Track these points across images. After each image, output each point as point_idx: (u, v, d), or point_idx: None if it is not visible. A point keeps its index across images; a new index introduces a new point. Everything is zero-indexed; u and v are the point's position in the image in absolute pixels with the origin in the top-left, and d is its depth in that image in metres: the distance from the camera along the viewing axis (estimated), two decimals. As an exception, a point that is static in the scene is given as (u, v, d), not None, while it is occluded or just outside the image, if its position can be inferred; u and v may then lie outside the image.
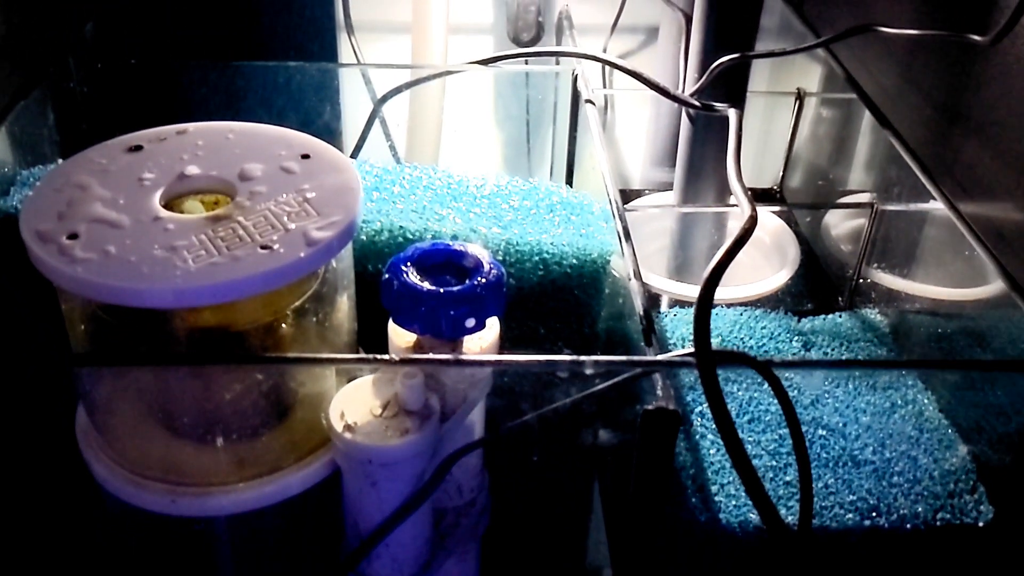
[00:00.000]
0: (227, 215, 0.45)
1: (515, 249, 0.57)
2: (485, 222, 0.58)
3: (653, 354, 0.47)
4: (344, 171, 0.49)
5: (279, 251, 0.43)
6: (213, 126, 0.52)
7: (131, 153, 0.50)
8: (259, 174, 0.48)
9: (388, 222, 0.57)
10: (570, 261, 0.57)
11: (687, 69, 0.73)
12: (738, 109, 0.63)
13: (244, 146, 0.51)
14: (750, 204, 0.49)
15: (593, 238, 0.58)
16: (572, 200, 0.63)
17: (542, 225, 0.59)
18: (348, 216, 0.46)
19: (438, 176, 0.63)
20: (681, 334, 0.61)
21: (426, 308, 0.47)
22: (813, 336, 0.62)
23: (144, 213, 0.45)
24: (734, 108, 0.64)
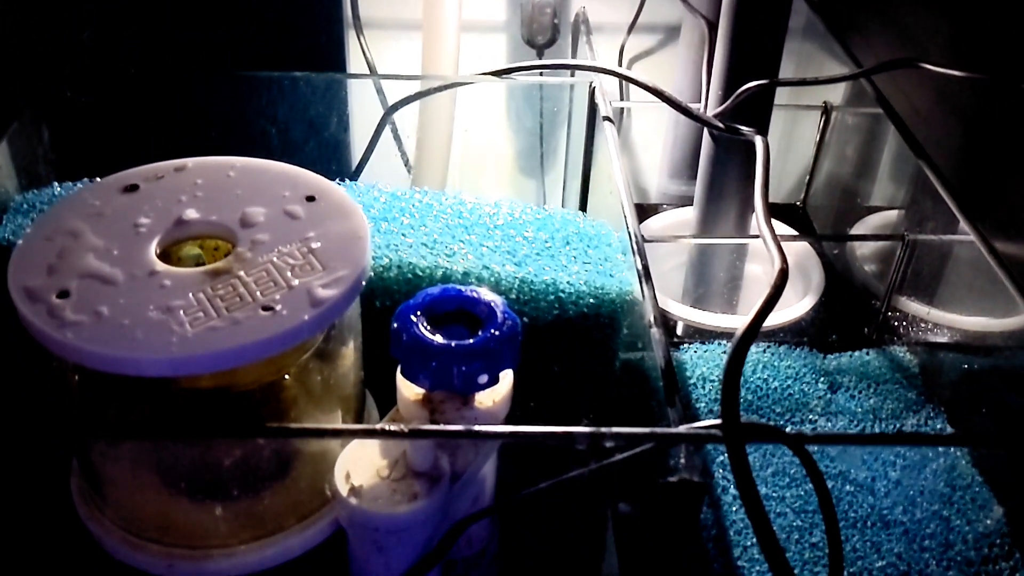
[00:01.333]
0: (227, 269, 0.43)
1: (530, 288, 0.54)
2: (498, 258, 0.55)
3: (676, 415, 0.44)
4: (351, 216, 0.46)
5: (282, 313, 0.40)
6: (213, 162, 0.50)
7: (126, 194, 0.47)
8: (261, 219, 0.46)
9: (397, 258, 0.55)
10: (587, 301, 0.55)
11: (710, 83, 0.70)
12: (764, 137, 0.60)
13: (246, 186, 0.48)
14: (780, 255, 0.46)
15: (611, 276, 0.56)
16: (589, 231, 0.60)
17: (558, 260, 0.56)
18: (355, 270, 0.43)
19: (449, 204, 0.60)
20: (701, 373, 0.59)
21: (437, 363, 0.45)
22: (840, 376, 0.59)
23: (139, 266, 0.42)
24: (760, 135, 0.61)
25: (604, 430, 0.40)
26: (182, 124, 0.72)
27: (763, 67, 0.65)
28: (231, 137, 0.74)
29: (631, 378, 0.57)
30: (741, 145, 0.66)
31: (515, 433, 0.40)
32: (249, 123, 0.74)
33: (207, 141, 0.73)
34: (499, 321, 0.47)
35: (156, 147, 0.71)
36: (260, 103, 0.73)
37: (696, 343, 0.63)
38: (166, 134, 0.72)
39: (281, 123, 0.75)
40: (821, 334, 0.66)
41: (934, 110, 0.65)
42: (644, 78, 0.69)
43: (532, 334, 0.56)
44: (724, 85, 0.66)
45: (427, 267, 0.55)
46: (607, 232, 0.61)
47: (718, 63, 0.66)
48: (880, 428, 0.55)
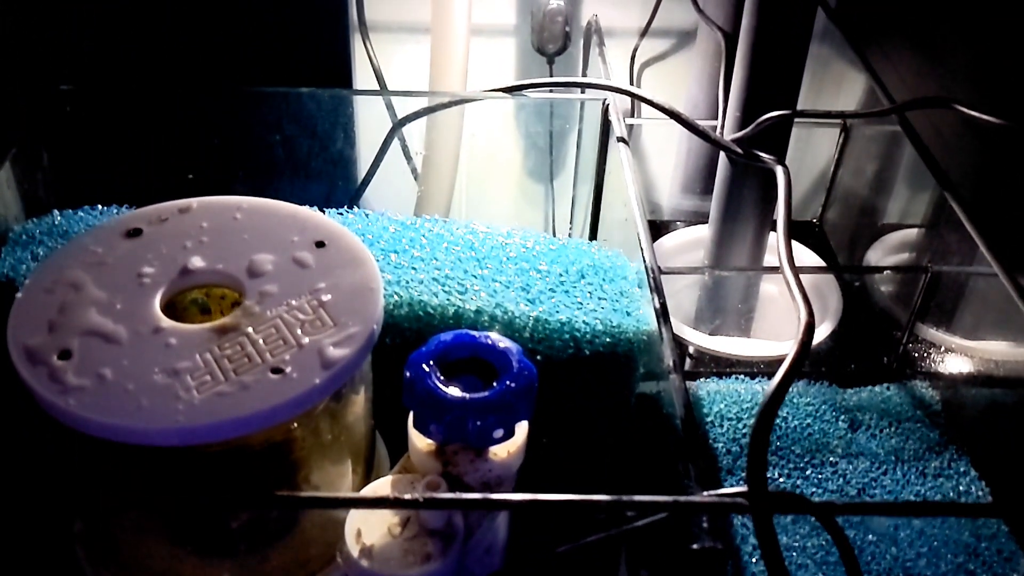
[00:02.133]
0: (234, 325, 0.41)
1: (544, 327, 0.53)
2: (512, 295, 0.54)
3: (696, 471, 0.43)
4: (362, 265, 0.45)
5: (291, 376, 0.39)
6: (219, 203, 0.48)
7: (129, 239, 0.46)
8: (269, 268, 0.44)
9: (408, 295, 0.53)
10: (603, 340, 0.53)
11: (727, 103, 0.68)
12: (785, 167, 0.59)
13: (253, 230, 0.47)
14: (806, 306, 0.45)
15: (628, 314, 0.54)
16: (604, 263, 0.58)
17: (573, 297, 0.55)
18: (367, 327, 0.42)
19: (460, 234, 0.59)
20: (719, 411, 0.57)
21: (451, 417, 0.44)
22: (860, 413, 0.58)
23: (143, 323, 0.41)
24: (781, 165, 0.59)
25: (624, 499, 0.39)
26: (186, 140, 0.70)
27: (784, 93, 0.63)
28: (237, 153, 0.72)
29: (648, 408, 0.56)
30: (759, 168, 0.64)
31: (534, 502, 0.38)
32: (255, 138, 0.72)
33: (212, 158, 0.72)
34: (515, 371, 0.45)
35: (159, 165, 0.70)
36: (266, 118, 0.72)
37: (712, 377, 0.61)
38: (170, 151, 0.70)
39: (288, 137, 0.73)
40: (839, 363, 0.65)
41: (957, 132, 0.63)
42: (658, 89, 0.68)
43: (547, 370, 0.54)
44: (742, 108, 0.64)
45: (439, 305, 0.53)
46: (623, 264, 0.59)
47: (736, 86, 0.64)
48: (903, 470, 0.54)
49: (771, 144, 0.63)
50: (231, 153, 0.71)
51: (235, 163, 0.72)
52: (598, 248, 0.60)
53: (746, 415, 0.57)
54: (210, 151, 0.70)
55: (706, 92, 0.80)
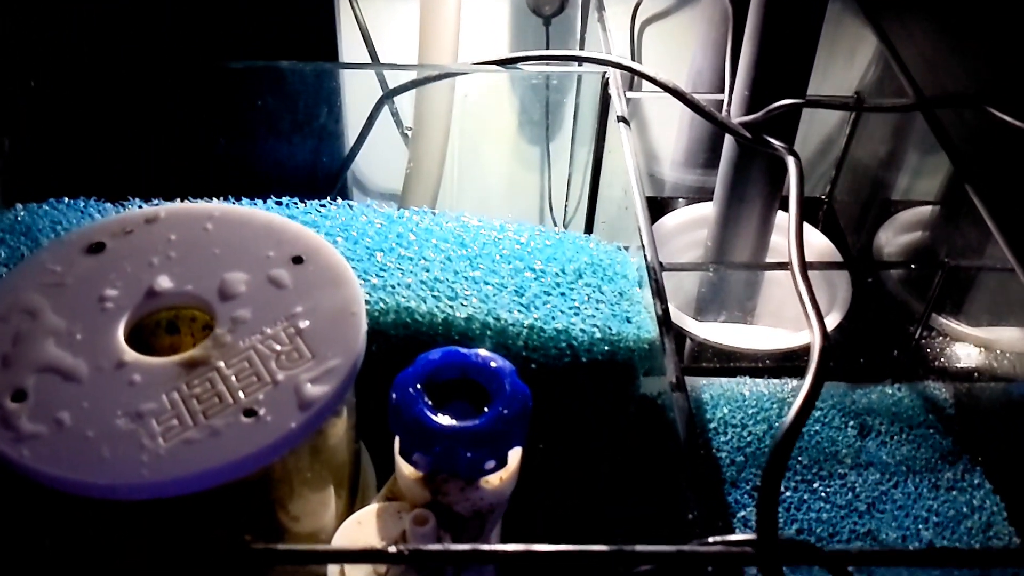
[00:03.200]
0: (204, 359, 0.38)
1: (539, 335, 0.50)
2: (505, 300, 0.51)
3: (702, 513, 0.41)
4: (342, 284, 0.42)
5: (266, 420, 0.36)
6: (188, 212, 0.45)
7: (91, 255, 0.42)
8: (242, 289, 0.41)
9: (394, 302, 0.50)
10: (601, 348, 0.50)
11: (734, 79, 0.64)
12: (797, 157, 0.55)
13: (225, 243, 0.43)
14: (821, 328, 0.41)
15: (628, 321, 0.51)
16: (603, 259, 0.55)
17: (570, 300, 0.52)
18: (348, 358, 0.39)
19: (450, 228, 0.55)
20: (722, 416, 0.55)
21: (441, 448, 0.41)
22: (870, 417, 0.55)
23: (106, 356, 0.38)
24: (793, 155, 0.55)
25: (626, 549, 0.36)
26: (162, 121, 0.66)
27: (795, 75, 0.59)
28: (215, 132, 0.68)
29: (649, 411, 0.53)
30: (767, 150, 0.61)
31: (528, 553, 0.36)
32: (235, 117, 0.68)
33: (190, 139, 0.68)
34: (507, 394, 0.43)
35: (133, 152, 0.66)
36: (247, 94, 0.67)
37: (714, 375, 0.59)
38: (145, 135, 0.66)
39: (270, 114, 0.69)
40: (848, 357, 0.62)
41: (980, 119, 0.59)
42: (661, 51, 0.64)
43: (542, 375, 0.52)
44: (751, 87, 0.60)
45: (427, 312, 0.50)
46: (623, 260, 0.56)
47: (745, 64, 0.60)
48: (914, 482, 0.51)
49: (780, 127, 0.60)
50: (210, 134, 0.67)
51: (215, 143, 0.68)
52: (596, 243, 0.57)
53: (751, 421, 0.54)
54: (188, 132, 0.66)
55: (711, 59, 0.76)
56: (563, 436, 0.53)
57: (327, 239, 0.53)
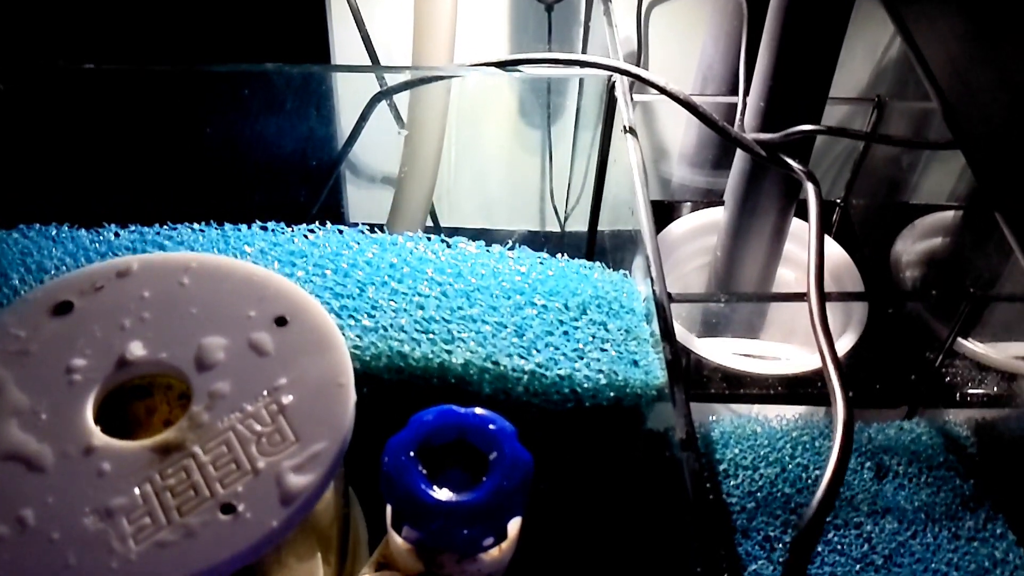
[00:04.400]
0: (179, 443, 0.35)
1: (541, 382, 0.47)
2: (504, 343, 0.48)
3: None
4: (329, 350, 0.39)
5: (245, 516, 0.33)
6: (163, 264, 0.41)
7: (58, 318, 0.39)
8: (221, 356, 0.38)
9: (386, 346, 0.47)
10: (607, 395, 0.48)
11: (748, 82, 0.60)
12: (816, 183, 0.52)
13: (202, 301, 0.40)
14: (844, 400, 0.38)
15: (636, 365, 0.48)
16: (609, 292, 0.52)
17: (573, 342, 0.49)
18: (335, 440, 0.36)
19: (446, 259, 0.52)
20: (733, 457, 0.52)
21: (436, 526, 0.39)
22: (887, 457, 0.52)
23: (73, 440, 0.35)
24: (813, 181, 0.52)
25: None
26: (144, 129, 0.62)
27: (815, 90, 0.55)
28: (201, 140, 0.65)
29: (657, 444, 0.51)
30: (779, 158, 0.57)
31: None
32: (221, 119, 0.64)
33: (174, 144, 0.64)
34: (507, 463, 0.40)
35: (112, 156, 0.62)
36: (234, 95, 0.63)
37: (725, 413, 0.56)
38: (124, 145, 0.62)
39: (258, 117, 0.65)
40: (863, 383, 0.59)
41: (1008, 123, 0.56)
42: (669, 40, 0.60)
43: (542, 417, 0.49)
44: (767, 99, 0.57)
45: (421, 357, 0.47)
46: (629, 291, 0.53)
47: (761, 73, 0.57)
48: (933, 532, 0.49)
49: (797, 143, 0.56)
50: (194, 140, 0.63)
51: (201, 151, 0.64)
52: (601, 273, 0.54)
53: (762, 463, 0.51)
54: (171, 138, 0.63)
55: (723, 53, 0.72)
56: (564, 478, 0.51)
57: (316, 269, 0.50)
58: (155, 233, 0.53)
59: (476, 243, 0.54)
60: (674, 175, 0.76)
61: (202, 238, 0.52)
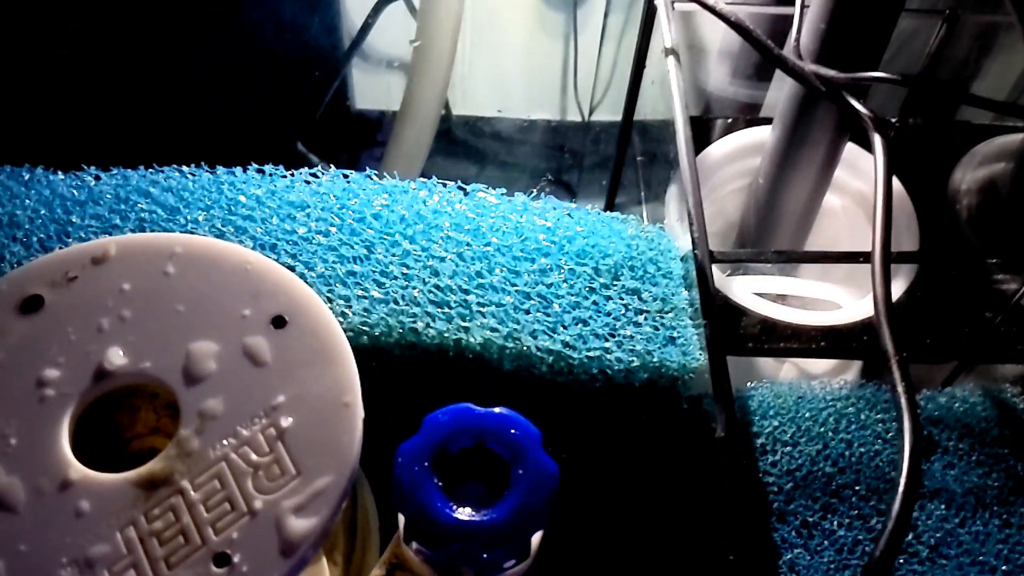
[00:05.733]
0: (166, 475, 0.31)
1: (567, 362, 0.43)
2: (528, 319, 0.43)
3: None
4: (333, 360, 0.34)
5: (241, 569, 0.30)
6: (144, 248, 0.36)
7: (26, 317, 0.34)
8: (212, 367, 0.34)
9: (397, 322, 0.42)
10: (640, 376, 0.43)
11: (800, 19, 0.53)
12: (885, 134, 0.45)
13: (190, 295, 0.35)
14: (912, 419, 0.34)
15: (672, 342, 0.44)
16: (643, 251, 0.47)
17: (602, 316, 0.44)
18: (341, 474, 0.32)
19: (463, 212, 0.47)
20: (770, 432, 0.48)
21: (454, 548, 0.35)
22: (937, 429, 0.49)
23: (47, 472, 0.31)
24: (881, 131, 0.46)
25: None
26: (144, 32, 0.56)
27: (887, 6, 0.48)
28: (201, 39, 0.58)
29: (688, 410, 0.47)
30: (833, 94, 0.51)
31: None
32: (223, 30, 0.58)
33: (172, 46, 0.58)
34: (532, 478, 0.36)
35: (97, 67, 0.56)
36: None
37: (764, 380, 0.51)
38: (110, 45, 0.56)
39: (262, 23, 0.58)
40: (913, 337, 0.55)
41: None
42: None
43: (567, 400, 0.45)
44: (829, 19, 0.50)
45: (436, 335, 0.42)
46: (666, 248, 0.48)
47: None
48: (983, 518, 0.45)
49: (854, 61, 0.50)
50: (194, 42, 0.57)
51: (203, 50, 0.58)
52: (635, 227, 0.48)
53: (803, 438, 0.48)
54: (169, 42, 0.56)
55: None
56: (592, 453, 0.47)
57: (320, 224, 0.45)
58: (140, 177, 0.47)
59: (496, 192, 0.48)
60: (713, 87, 0.69)
61: (192, 184, 0.47)
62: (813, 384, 0.50)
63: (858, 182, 0.64)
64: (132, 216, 0.45)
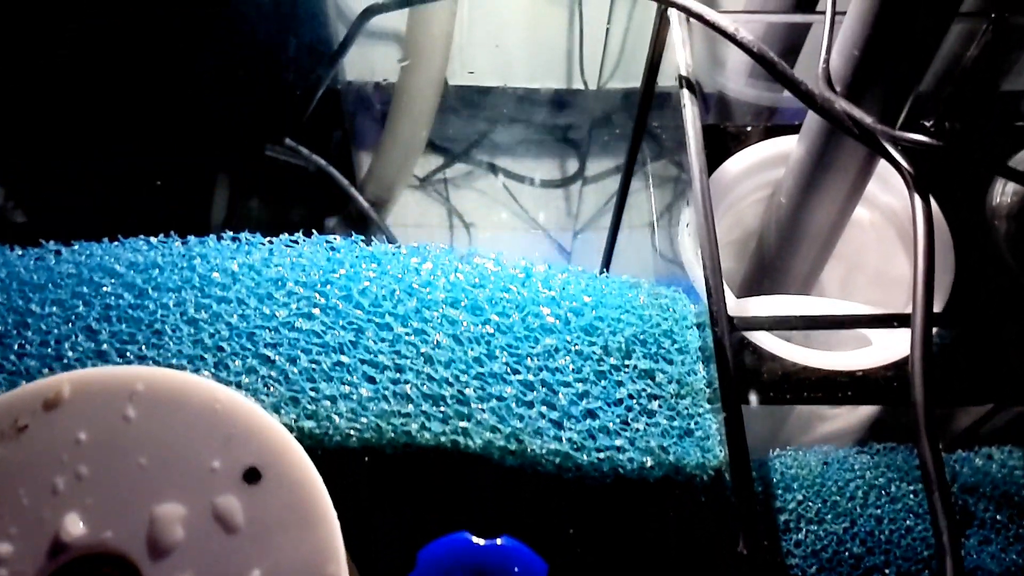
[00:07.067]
0: (131, 675, 0.28)
1: (575, 463, 0.39)
2: (531, 413, 0.39)
3: None
4: (314, 522, 0.31)
5: None
6: (103, 388, 0.33)
7: (-27, 477, 0.31)
8: (179, 535, 0.30)
9: (389, 427, 0.39)
10: (655, 475, 0.40)
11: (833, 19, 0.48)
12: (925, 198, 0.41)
13: (154, 447, 0.32)
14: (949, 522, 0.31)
15: (688, 435, 0.40)
16: (656, 323, 0.43)
17: (615, 409, 0.40)
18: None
19: (461, 283, 0.43)
20: (794, 507, 0.45)
21: None
22: (972, 498, 0.45)
23: (0, 674, 0.28)
24: (920, 190, 0.41)
25: None
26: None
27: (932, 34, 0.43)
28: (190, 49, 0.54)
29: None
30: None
31: None
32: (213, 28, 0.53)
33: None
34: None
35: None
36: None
37: (788, 448, 0.47)
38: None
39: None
40: (945, 377, 0.51)
41: None
42: None
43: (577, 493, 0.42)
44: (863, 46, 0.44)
45: (432, 438, 0.39)
46: (682, 314, 0.44)
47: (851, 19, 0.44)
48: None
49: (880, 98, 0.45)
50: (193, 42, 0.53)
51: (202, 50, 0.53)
52: (647, 293, 0.44)
53: (829, 515, 0.44)
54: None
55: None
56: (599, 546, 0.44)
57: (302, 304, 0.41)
58: (104, 253, 0.43)
59: (494, 258, 0.44)
60: (730, 89, 0.63)
61: (161, 259, 0.43)
62: (839, 451, 0.47)
63: (888, 197, 0.59)
64: (96, 302, 0.41)
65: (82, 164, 0.57)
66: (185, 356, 0.40)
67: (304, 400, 0.39)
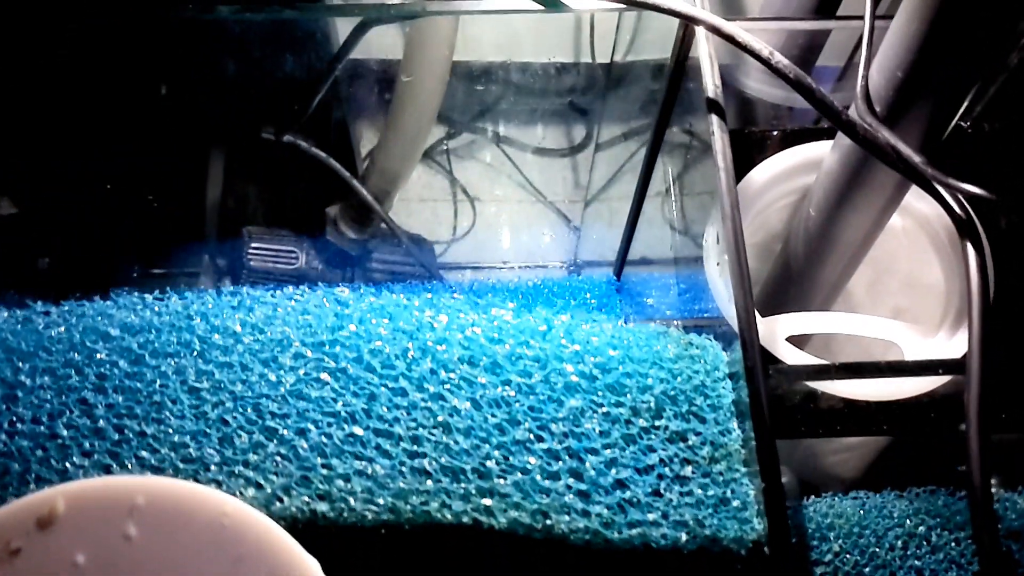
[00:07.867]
0: None
1: (604, 540, 0.37)
2: (557, 487, 0.37)
3: None
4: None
5: None
6: (100, 504, 0.30)
7: (-36, 610, 0.29)
8: (190, 670, 0.28)
9: (406, 507, 0.37)
10: (689, 548, 0.38)
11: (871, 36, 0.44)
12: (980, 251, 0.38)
13: (157, 565, 0.29)
14: None
15: (723, 505, 0.38)
16: (687, 377, 0.40)
17: (646, 478, 0.38)
18: None
19: (476, 335, 0.40)
20: (831, 559, 0.43)
21: None
22: (1017, 545, 0.43)
23: None
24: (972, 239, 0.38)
25: None
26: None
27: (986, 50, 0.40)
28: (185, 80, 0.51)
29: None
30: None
31: None
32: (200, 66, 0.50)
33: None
34: None
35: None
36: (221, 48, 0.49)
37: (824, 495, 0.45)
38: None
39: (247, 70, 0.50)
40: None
41: None
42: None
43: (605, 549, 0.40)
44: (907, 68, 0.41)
45: (453, 516, 0.37)
46: (714, 365, 0.41)
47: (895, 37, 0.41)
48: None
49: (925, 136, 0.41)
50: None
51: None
52: (676, 344, 0.42)
53: (868, 567, 0.42)
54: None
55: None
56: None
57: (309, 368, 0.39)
58: (96, 313, 0.40)
59: (512, 308, 0.41)
60: (752, 88, 0.59)
61: (157, 320, 0.40)
62: (876, 497, 0.45)
63: (922, 204, 0.56)
64: (89, 371, 0.38)
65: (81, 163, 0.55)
66: (188, 432, 0.37)
67: (316, 480, 0.36)
